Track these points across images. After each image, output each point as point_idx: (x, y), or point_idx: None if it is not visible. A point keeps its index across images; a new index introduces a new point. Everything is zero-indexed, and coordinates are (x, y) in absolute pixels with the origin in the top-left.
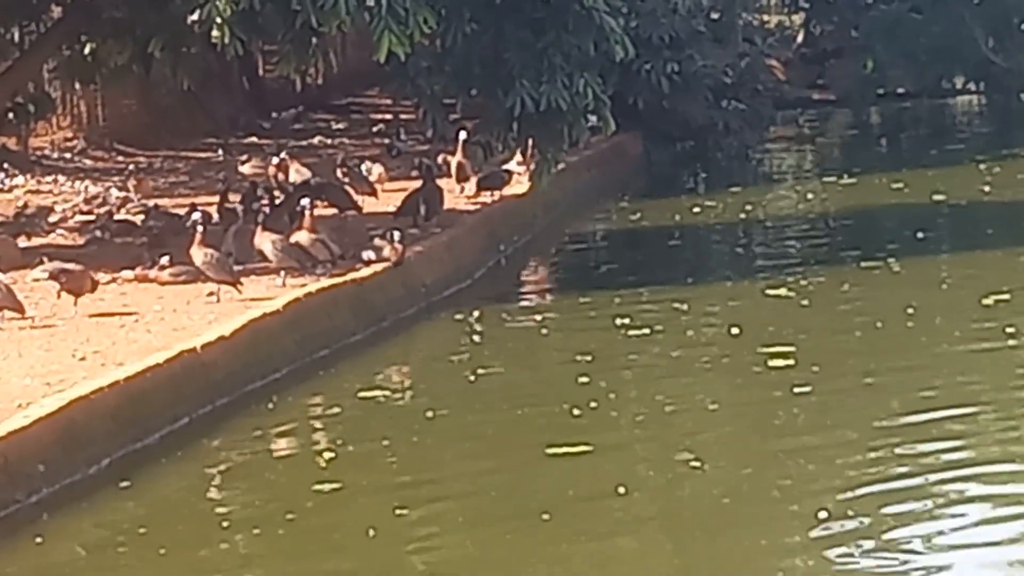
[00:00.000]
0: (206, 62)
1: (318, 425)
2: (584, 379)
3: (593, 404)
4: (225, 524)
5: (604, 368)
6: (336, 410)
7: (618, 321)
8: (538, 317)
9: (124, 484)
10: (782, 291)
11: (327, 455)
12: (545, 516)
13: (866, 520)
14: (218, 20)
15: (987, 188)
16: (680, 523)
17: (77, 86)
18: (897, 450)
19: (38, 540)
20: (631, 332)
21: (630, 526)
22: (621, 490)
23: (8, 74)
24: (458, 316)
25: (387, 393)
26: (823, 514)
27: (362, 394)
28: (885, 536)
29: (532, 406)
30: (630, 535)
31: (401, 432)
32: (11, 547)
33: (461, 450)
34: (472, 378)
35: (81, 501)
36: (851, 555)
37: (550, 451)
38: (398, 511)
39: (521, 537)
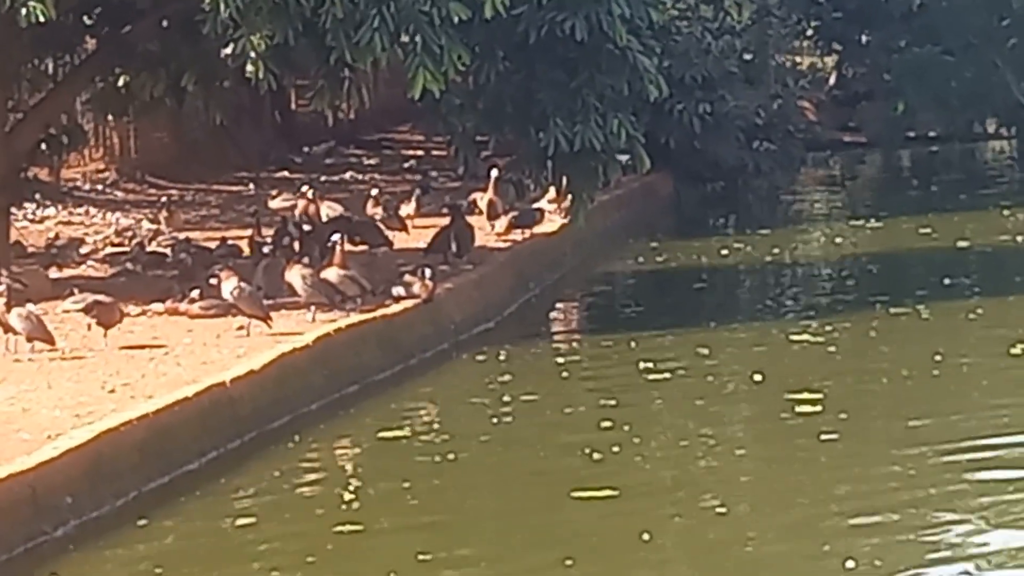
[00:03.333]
0: (238, 96)
1: (341, 465)
2: (607, 423)
3: (618, 448)
4: (244, 567)
5: (628, 412)
6: (359, 450)
7: (641, 365)
8: (562, 360)
9: (142, 522)
10: (808, 336)
11: (348, 496)
12: (568, 562)
13: (896, 570)
14: (252, 55)
15: (1013, 235)
16: (705, 570)
17: (110, 118)
18: (926, 499)
19: None
20: (653, 376)
21: (655, 573)
22: (646, 536)
23: (41, 105)
24: (486, 355)
25: (411, 433)
26: (850, 564)
27: (387, 434)
28: None
29: (556, 449)
30: None
31: (424, 474)
32: None
33: (484, 493)
34: (496, 420)
35: (103, 537)
36: None
37: (575, 495)
38: (420, 556)
39: None
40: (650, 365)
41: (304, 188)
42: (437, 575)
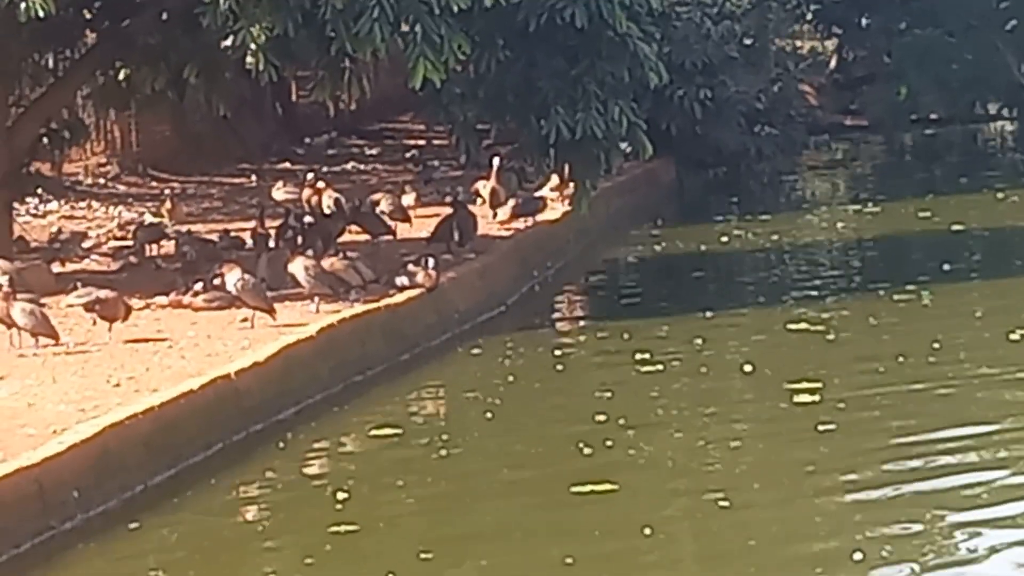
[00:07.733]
0: (239, 88)
1: (342, 461)
2: (602, 416)
3: (612, 443)
4: (242, 569)
5: (623, 405)
6: (361, 444)
7: (638, 356)
8: (560, 352)
9: (134, 525)
10: (807, 325)
11: (342, 496)
12: (569, 560)
13: (899, 561)
14: (252, 47)
15: (1013, 218)
16: (708, 564)
17: (111, 112)
18: (925, 488)
19: None
20: (647, 368)
21: (657, 568)
22: (647, 531)
23: (42, 100)
24: (488, 346)
25: (410, 429)
26: (858, 556)
27: (387, 430)
28: None
29: (554, 443)
30: None
31: (423, 470)
32: None
33: (483, 490)
34: (492, 415)
35: (107, 533)
36: None
37: (574, 490)
38: (422, 555)
39: None
40: (646, 356)
41: (313, 181)
42: (439, 575)
